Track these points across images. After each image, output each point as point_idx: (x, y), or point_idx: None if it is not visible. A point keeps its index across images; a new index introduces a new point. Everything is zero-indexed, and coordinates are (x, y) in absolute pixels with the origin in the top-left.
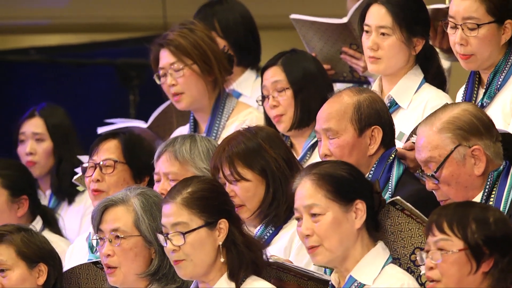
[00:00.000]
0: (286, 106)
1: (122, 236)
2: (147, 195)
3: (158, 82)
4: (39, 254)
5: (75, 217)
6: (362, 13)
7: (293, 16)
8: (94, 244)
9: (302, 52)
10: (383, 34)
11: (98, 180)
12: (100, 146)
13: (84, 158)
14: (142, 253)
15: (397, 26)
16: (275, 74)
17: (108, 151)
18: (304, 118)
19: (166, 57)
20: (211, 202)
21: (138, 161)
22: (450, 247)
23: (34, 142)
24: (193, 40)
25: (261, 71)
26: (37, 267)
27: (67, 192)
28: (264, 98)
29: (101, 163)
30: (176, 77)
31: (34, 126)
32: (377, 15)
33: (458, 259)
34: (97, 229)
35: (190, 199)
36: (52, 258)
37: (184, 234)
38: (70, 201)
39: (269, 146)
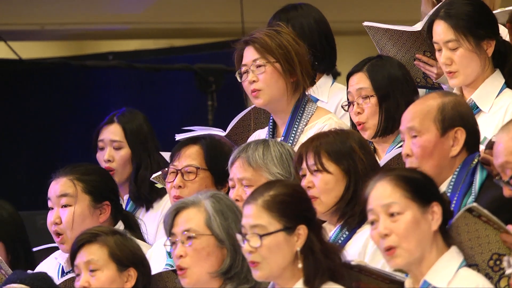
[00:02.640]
0: (370, 114)
1: (194, 235)
2: (219, 197)
3: (239, 79)
4: (130, 259)
5: (152, 223)
6: (428, 31)
7: (366, 23)
8: (168, 249)
9: (388, 57)
10: (452, 47)
11: (180, 186)
12: (181, 151)
13: (165, 155)
14: (215, 252)
15: (462, 36)
16: (360, 81)
17: (190, 157)
18: (388, 126)
19: (250, 54)
20: (291, 207)
21: (220, 167)
22: None
23: (112, 149)
24: (278, 40)
25: (346, 77)
26: (126, 271)
27: (145, 198)
28: (349, 103)
29: (183, 169)
30: (257, 74)
31: (112, 133)
32: (440, 31)
33: None
34: (170, 233)
35: (271, 202)
36: (143, 265)
37: (261, 236)
38: (148, 207)
39: (359, 149)
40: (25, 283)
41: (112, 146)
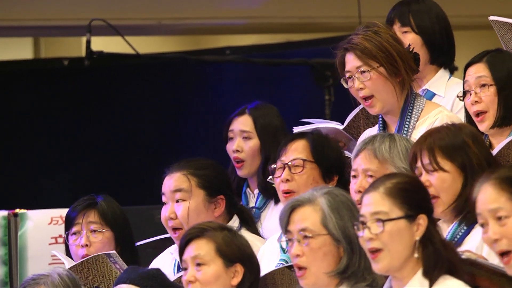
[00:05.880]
0: (488, 103)
1: (310, 235)
2: (334, 194)
3: (345, 86)
4: (238, 255)
5: None
6: None
7: (492, 17)
8: (284, 246)
9: (507, 52)
10: None
11: (287, 180)
12: (288, 146)
13: None
14: (331, 252)
15: None
16: (479, 70)
17: (296, 151)
18: (507, 116)
19: (352, 61)
20: (413, 195)
21: (327, 159)
22: None
23: (241, 140)
24: (378, 42)
25: (464, 67)
26: (233, 267)
27: (274, 191)
28: (465, 93)
29: (290, 163)
30: (363, 81)
31: (242, 124)
32: None
33: None
34: (286, 230)
35: (393, 189)
36: (250, 262)
37: (384, 221)
38: (277, 200)
39: (473, 142)
40: (135, 283)
41: (242, 137)
